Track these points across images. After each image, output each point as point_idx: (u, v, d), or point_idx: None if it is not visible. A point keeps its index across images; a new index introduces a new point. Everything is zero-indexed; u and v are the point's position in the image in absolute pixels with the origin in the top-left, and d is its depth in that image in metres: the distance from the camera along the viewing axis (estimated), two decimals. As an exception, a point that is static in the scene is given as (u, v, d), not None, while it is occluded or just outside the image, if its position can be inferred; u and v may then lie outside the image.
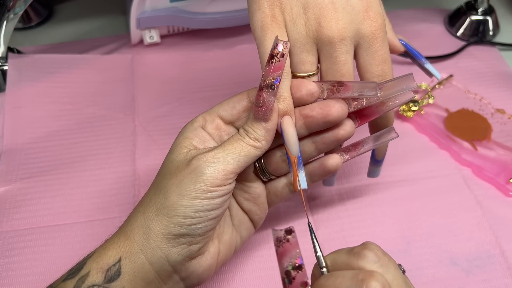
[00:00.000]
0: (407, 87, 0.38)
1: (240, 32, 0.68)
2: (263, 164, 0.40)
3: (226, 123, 0.40)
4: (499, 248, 0.48)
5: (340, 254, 0.33)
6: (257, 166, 0.41)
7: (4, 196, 0.50)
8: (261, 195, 0.41)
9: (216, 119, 0.39)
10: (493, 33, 0.69)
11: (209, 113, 0.40)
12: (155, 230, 0.35)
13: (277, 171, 0.41)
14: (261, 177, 0.41)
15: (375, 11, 0.38)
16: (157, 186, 0.37)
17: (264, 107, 0.35)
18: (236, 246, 0.41)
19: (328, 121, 0.38)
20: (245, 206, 0.41)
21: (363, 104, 0.39)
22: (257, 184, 0.41)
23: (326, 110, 0.37)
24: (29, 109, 0.58)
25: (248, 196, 0.41)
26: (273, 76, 0.35)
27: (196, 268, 0.37)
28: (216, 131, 0.39)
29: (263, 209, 0.42)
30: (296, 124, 0.38)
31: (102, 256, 0.36)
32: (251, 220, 0.42)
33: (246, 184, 0.41)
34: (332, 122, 0.38)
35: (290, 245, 0.32)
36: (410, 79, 0.38)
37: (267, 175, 0.41)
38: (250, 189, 0.41)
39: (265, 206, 0.42)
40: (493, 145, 0.55)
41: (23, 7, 0.57)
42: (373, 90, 0.37)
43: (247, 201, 0.41)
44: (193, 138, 0.38)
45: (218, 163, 0.36)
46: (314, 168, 0.41)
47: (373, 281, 0.29)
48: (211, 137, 0.39)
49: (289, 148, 0.37)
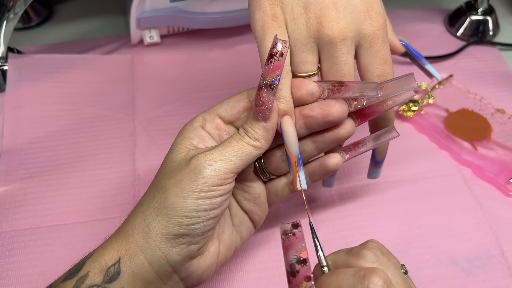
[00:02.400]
0: (408, 87, 0.38)
1: (240, 32, 0.68)
2: (263, 164, 0.40)
3: (226, 123, 0.39)
4: (499, 248, 0.48)
5: (339, 255, 0.33)
6: (257, 166, 0.40)
7: (4, 196, 0.50)
8: (261, 195, 0.41)
9: (216, 118, 0.39)
10: (493, 33, 0.69)
11: (209, 113, 0.39)
12: (154, 230, 0.35)
13: (277, 170, 0.41)
14: (261, 177, 0.41)
15: (376, 11, 0.38)
16: (156, 186, 0.37)
17: (263, 106, 0.35)
18: (236, 246, 0.41)
19: (329, 121, 0.38)
20: (245, 206, 0.41)
21: (363, 103, 0.39)
22: (257, 184, 0.41)
23: (326, 110, 0.37)
24: (29, 109, 0.58)
25: (248, 196, 0.41)
26: (272, 76, 0.35)
27: (196, 268, 0.37)
28: (216, 131, 0.39)
29: (263, 209, 0.42)
30: (296, 124, 0.38)
31: (101, 256, 0.36)
32: (251, 220, 0.42)
33: (246, 184, 0.41)
34: (332, 122, 0.38)
35: (296, 239, 0.32)
36: (411, 79, 0.38)
37: (267, 175, 0.41)
38: (250, 189, 0.41)
39: (265, 206, 0.42)
40: (493, 145, 0.55)
41: (23, 7, 0.57)
42: (374, 90, 0.37)
43: (247, 201, 0.41)
44: (193, 138, 0.38)
45: (218, 162, 0.35)
46: (314, 167, 0.41)
47: (374, 276, 0.29)
48: (211, 136, 0.39)
49: (289, 148, 0.37)
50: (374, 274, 0.29)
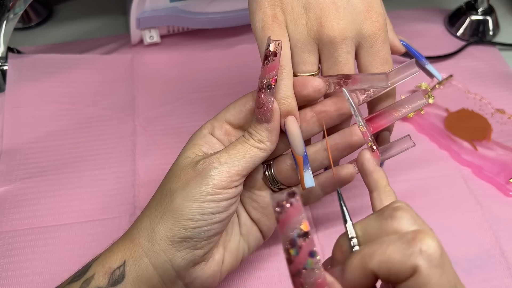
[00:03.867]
0: (410, 73, 0.38)
1: (240, 32, 0.68)
2: (273, 173, 0.40)
3: (235, 128, 0.39)
4: (499, 248, 0.48)
5: (369, 222, 0.30)
6: (267, 174, 0.40)
7: (4, 196, 0.50)
8: (270, 205, 0.41)
9: (224, 124, 0.39)
10: (493, 33, 0.69)
11: (217, 119, 0.39)
12: (159, 233, 0.35)
13: (287, 180, 0.40)
14: (270, 186, 0.41)
15: (376, 11, 0.38)
16: (163, 190, 0.37)
17: (263, 108, 0.36)
18: (243, 255, 0.41)
19: (342, 113, 0.38)
20: (253, 215, 0.41)
21: (371, 95, 0.39)
22: (265, 193, 0.41)
23: (339, 103, 0.38)
24: (29, 109, 0.58)
25: (256, 205, 0.41)
26: (269, 76, 0.35)
27: (200, 275, 0.37)
28: (225, 137, 0.39)
29: (272, 220, 0.41)
30: (309, 123, 0.38)
31: (107, 259, 0.36)
32: (260, 230, 0.41)
33: (255, 192, 0.40)
34: (345, 114, 0.39)
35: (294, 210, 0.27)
36: (412, 65, 0.38)
37: (277, 183, 0.41)
38: (259, 197, 0.40)
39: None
40: (493, 145, 0.55)
41: (23, 7, 0.57)
42: (383, 81, 0.37)
43: (255, 210, 0.41)
44: (203, 145, 0.38)
45: (223, 165, 0.36)
46: (326, 178, 0.41)
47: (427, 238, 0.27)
48: (221, 143, 0.39)
49: (294, 148, 0.37)
50: (425, 236, 0.27)
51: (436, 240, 0.27)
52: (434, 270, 0.26)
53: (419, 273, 0.26)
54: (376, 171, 0.34)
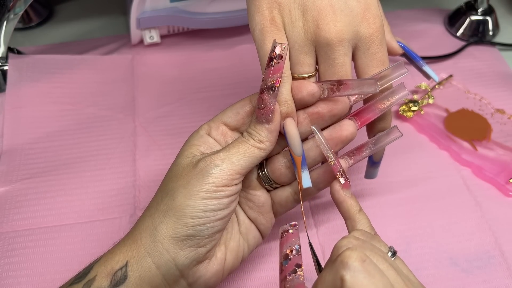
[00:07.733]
0: (400, 73, 0.40)
1: (240, 32, 0.68)
2: (266, 172, 0.41)
3: (232, 129, 0.40)
4: (499, 248, 0.48)
5: None
6: (260, 174, 0.41)
7: (4, 197, 0.50)
8: (265, 204, 0.41)
9: (221, 126, 0.40)
10: (493, 33, 0.69)
11: (214, 121, 0.40)
12: (162, 232, 0.35)
13: (281, 178, 0.40)
14: (264, 185, 0.41)
15: (373, 13, 0.38)
16: (163, 190, 0.38)
17: (265, 109, 0.36)
18: (243, 254, 0.41)
19: (334, 115, 0.39)
20: (250, 215, 0.41)
21: (361, 96, 0.40)
22: (260, 193, 0.41)
23: (331, 104, 0.39)
24: (29, 109, 0.58)
25: (252, 204, 0.41)
26: (273, 78, 0.35)
27: (203, 273, 0.37)
28: (222, 137, 0.40)
29: (268, 219, 0.42)
30: (302, 124, 0.39)
31: (109, 260, 0.36)
32: (258, 229, 0.42)
33: (250, 192, 0.41)
34: (337, 116, 0.39)
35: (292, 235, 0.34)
36: (401, 66, 0.39)
37: (270, 182, 0.41)
38: (254, 197, 0.41)
39: (271, 215, 0.42)
40: (493, 145, 0.55)
41: (23, 7, 0.57)
42: (372, 86, 0.38)
43: (251, 209, 0.41)
44: (200, 145, 0.39)
45: (224, 163, 0.36)
46: (318, 174, 0.41)
47: (347, 251, 0.29)
48: (218, 143, 0.39)
49: (293, 149, 0.38)
50: (347, 250, 0.29)
51: (358, 251, 0.29)
52: (358, 276, 0.29)
53: (344, 281, 0.29)
54: (345, 201, 0.38)
